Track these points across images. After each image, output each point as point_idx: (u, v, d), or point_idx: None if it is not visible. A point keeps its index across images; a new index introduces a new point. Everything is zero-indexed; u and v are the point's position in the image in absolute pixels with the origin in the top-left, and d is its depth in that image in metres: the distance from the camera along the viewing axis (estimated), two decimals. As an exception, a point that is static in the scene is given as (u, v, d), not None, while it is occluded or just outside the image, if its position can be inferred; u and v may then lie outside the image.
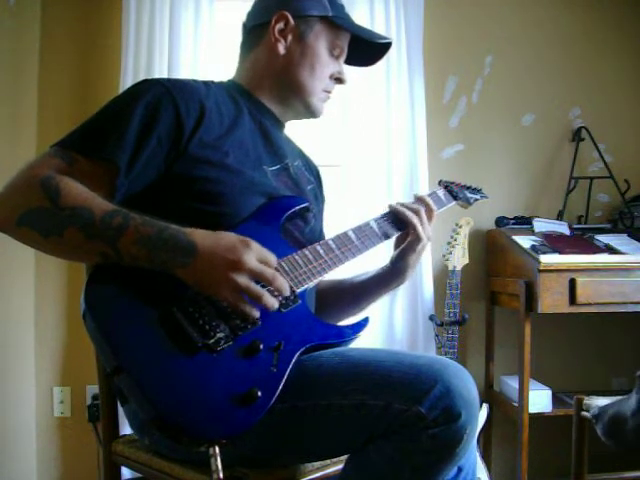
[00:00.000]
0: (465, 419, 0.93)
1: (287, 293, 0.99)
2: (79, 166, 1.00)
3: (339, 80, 1.29)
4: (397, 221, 1.25)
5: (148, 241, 0.93)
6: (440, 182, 1.47)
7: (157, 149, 1.05)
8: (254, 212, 1.11)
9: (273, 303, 0.96)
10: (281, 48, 1.23)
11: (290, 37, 1.23)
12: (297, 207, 1.18)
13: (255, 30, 1.27)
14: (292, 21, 1.22)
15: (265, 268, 0.95)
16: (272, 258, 0.98)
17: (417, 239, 1.24)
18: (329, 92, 1.29)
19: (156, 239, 0.93)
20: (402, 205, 1.26)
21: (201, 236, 0.95)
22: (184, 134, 1.07)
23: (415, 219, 1.23)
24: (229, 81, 1.29)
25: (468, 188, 1.54)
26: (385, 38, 1.31)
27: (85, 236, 0.93)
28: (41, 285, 2.36)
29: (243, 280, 0.93)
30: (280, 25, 1.22)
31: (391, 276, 1.29)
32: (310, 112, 1.29)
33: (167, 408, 0.88)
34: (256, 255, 0.95)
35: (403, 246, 1.25)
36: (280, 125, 1.30)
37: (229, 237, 0.96)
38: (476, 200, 1.54)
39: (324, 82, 1.26)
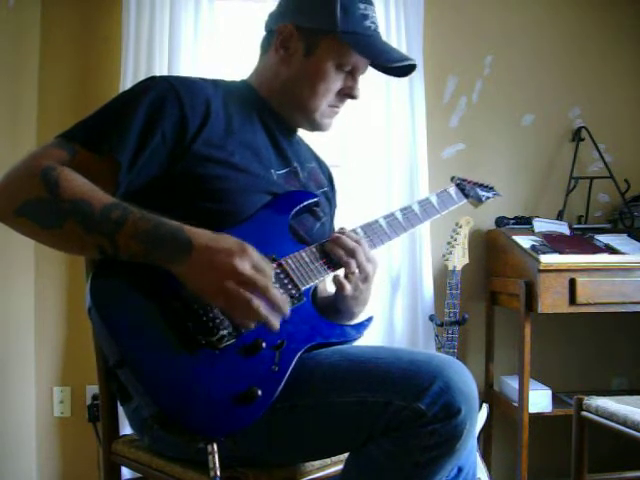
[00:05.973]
0: (465, 414, 0.93)
1: (285, 311, 0.94)
2: (81, 158, 1.00)
3: (349, 96, 1.22)
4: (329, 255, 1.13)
5: (145, 236, 0.92)
6: (452, 178, 1.44)
7: (161, 146, 1.05)
8: (262, 207, 1.10)
9: (267, 316, 0.91)
10: (283, 60, 1.20)
11: (295, 50, 1.18)
12: (306, 202, 1.17)
13: (269, 34, 1.24)
14: (296, 34, 1.18)
15: (259, 277, 0.92)
16: (268, 268, 0.94)
17: (340, 286, 1.12)
18: (336, 107, 1.23)
19: (153, 234, 0.92)
20: (336, 239, 1.13)
21: (199, 236, 0.93)
22: (188, 132, 1.07)
23: (343, 260, 1.12)
24: (242, 81, 1.28)
25: (480, 186, 1.52)
26: (398, 61, 1.19)
27: (84, 229, 0.92)
28: (41, 285, 2.35)
29: (233, 287, 0.90)
30: (283, 37, 1.19)
31: (336, 313, 1.19)
32: (313, 127, 1.25)
33: (167, 403, 0.88)
34: (251, 263, 0.92)
35: (335, 289, 1.15)
36: (289, 129, 1.27)
37: (227, 240, 0.94)
38: (488, 198, 1.51)
39: (328, 99, 1.20)
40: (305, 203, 1.16)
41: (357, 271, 1.13)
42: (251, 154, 1.15)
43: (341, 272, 1.14)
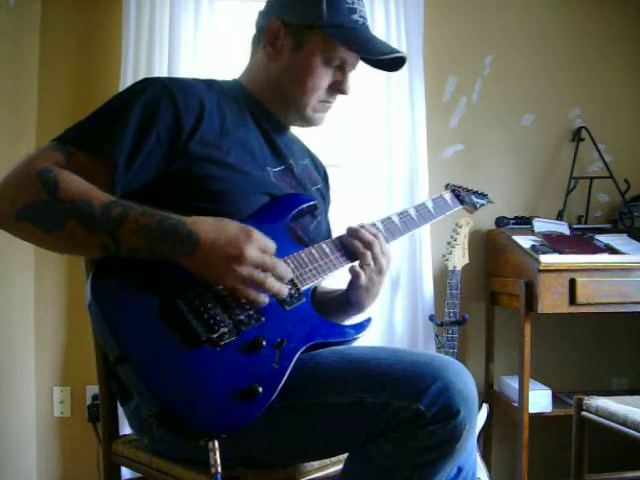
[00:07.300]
0: (464, 416, 0.93)
1: (289, 277, 1.01)
2: (77, 161, 1.00)
3: (339, 91, 1.22)
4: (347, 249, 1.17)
5: (148, 231, 0.93)
6: (447, 185, 1.46)
7: (156, 147, 1.05)
8: (260, 209, 1.11)
9: (279, 288, 0.97)
10: (271, 57, 1.20)
11: (283, 45, 1.19)
12: (305, 205, 1.18)
13: (258, 32, 1.25)
14: (283, 30, 1.18)
15: (266, 257, 0.96)
16: (272, 245, 0.99)
17: (356, 274, 1.16)
18: (328, 102, 1.24)
19: (156, 229, 0.93)
20: (354, 232, 1.17)
21: (203, 226, 0.95)
22: (183, 132, 1.07)
23: (359, 251, 1.15)
24: (234, 81, 1.28)
25: (474, 193, 1.54)
26: (384, 53, 1.18)
27: (85, 229, 0.93)
28: (41, 285, 2.35)
29: (246, 271, 0.94)
30: (271, 33, 1.19)
31: (346, 305, 1.23)
32: (306, 123, 1.26)
33: (168, 399, 0.88)
34: (257, 245, 0.96)
35: (350, 279, 1.19)
36: (282, 126, 1.28)
37: (231, 227, 0.96)
38: (482, 205, 1.55)
39: (318, 94, 1.20)
40: (304, 206, 1.17)
41: (372, 263, 1.16)
42: (246, 153, 1.15)
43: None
